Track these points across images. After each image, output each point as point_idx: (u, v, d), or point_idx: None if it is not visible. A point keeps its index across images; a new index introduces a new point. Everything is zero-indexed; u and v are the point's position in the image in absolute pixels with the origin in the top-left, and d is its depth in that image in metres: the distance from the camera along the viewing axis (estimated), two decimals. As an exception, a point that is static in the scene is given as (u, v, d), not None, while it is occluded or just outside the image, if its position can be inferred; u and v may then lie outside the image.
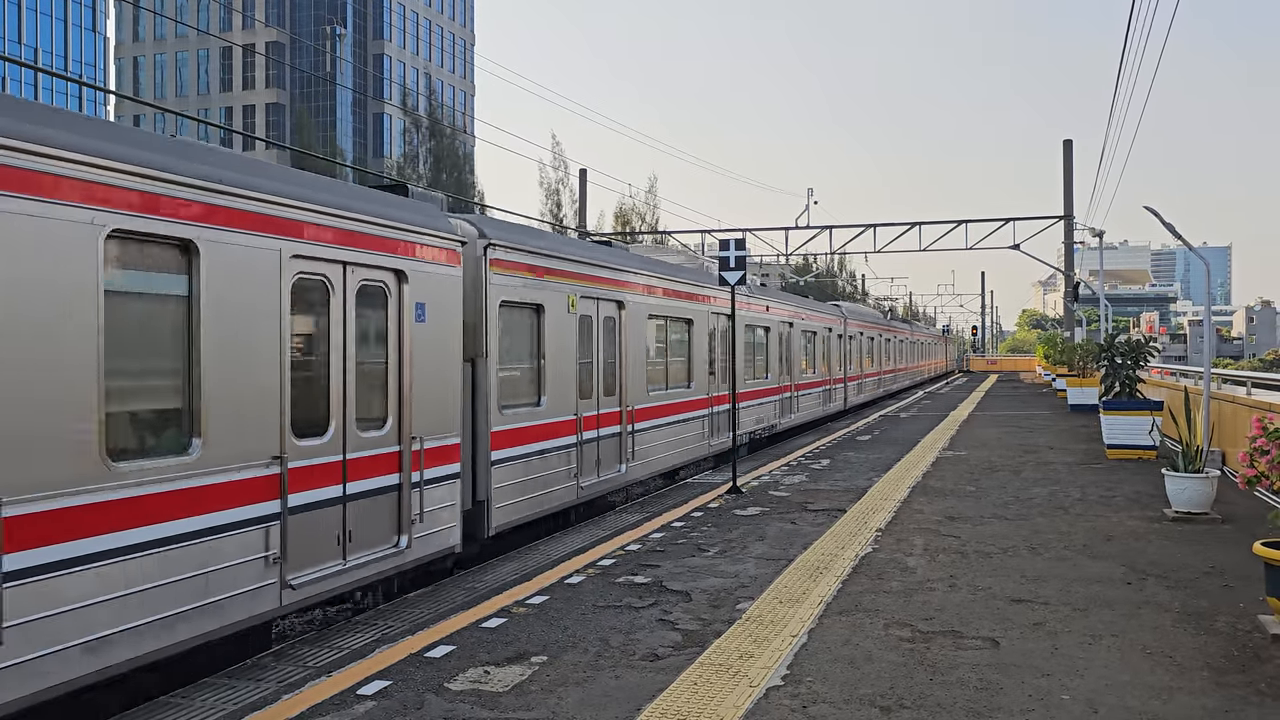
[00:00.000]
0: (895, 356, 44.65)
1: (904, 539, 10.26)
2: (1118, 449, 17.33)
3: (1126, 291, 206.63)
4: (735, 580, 8.56)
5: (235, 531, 6.76)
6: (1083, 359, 31.29)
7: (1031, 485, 14.11)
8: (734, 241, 14.16)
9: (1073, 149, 39.51)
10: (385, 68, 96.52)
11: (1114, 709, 5.51)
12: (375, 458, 8.28)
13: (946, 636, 6.88)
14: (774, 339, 22.40)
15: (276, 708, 5.70)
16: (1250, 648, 6.57)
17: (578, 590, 8.29)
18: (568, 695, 5.82)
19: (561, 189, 62.35)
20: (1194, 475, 11.29)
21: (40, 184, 5.49)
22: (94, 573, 5.71)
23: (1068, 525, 10.97)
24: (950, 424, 25.51)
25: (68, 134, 5.72)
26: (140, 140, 6.39)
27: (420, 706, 5.68)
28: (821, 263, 75.32)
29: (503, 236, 10.66)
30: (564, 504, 11.82)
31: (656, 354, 15.28)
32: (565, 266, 11.92)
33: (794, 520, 11.44)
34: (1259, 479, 7.12)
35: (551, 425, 11.46)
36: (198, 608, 6.41)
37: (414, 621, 7.53)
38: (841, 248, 46.41)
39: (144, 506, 6.06)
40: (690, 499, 13.26)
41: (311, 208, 7.50)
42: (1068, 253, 39.96)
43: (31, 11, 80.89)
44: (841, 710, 5.53)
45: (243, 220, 6.86)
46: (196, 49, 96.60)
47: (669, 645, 6.75)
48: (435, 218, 9.30)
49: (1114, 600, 7.80)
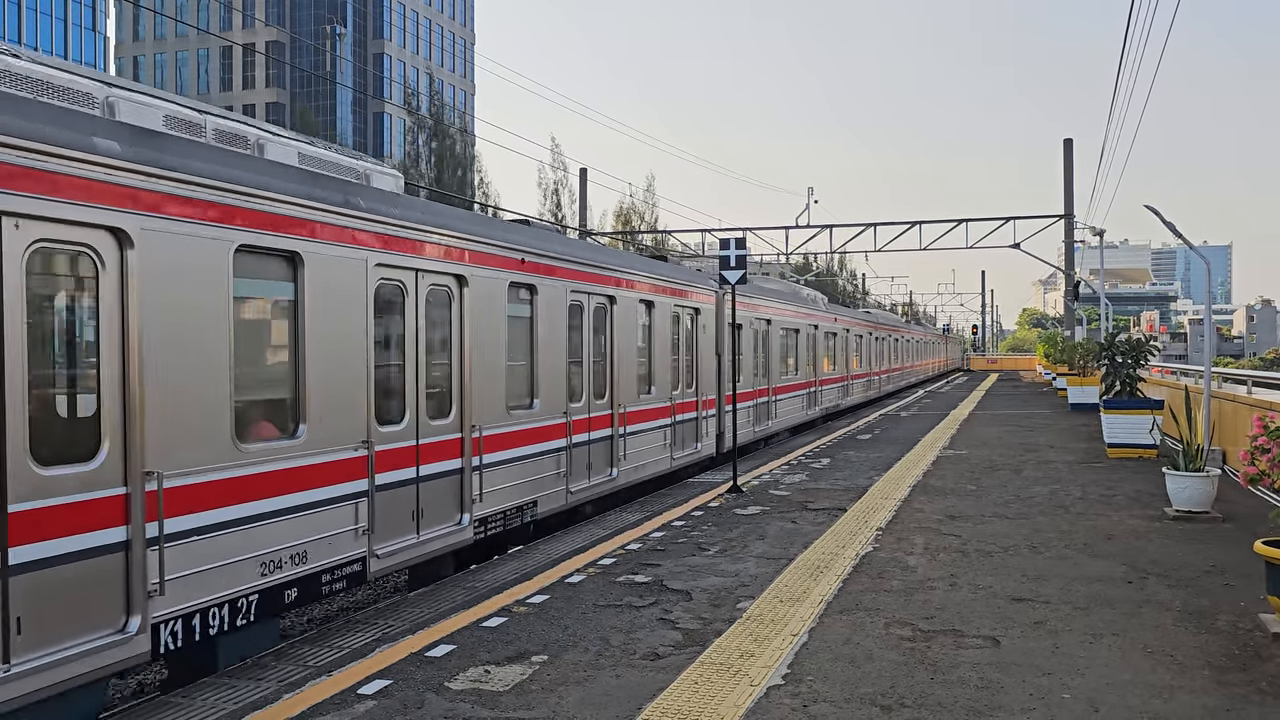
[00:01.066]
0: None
1: (905, 538, 10.26)
2: (1118, 448, 17.33)
3: (1127, 290, 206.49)
4: (736, 579, 8.56)
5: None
6: (1083, 358, 31.29)
7: (1032, 484, 14.11)
8: (734, 241, 14.16)
9: (1073, 148, 39.51)
10: (385, 67, 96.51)
11: (1115, 708, 5.51)
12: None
13: (947, 635, 6.87)
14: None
15: (277, 707, 5.70)
16: (1251, 646, 6.56)
17: (578, 589, 8.29)
18: (568, 694, 5.82)
19: (561, 189, 62.41)
20: (1195, 474, 11.29)
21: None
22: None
23: (1068, 524, 10.96)
24: (951, 423, 25.51)
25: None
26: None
27: (421, 706, 5.68)
28: (821, 262, 75.26)
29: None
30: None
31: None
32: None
33: (794, 519, 11.44)
34: (1260, 477, 7.11)
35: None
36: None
37: (414, 621, 7.52)
38: (841, 247, 46.41)
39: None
40: (691, 498, 13.25)
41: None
42: (1068, 252, 39.94)
43: (31, 11, 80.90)
44: (842, 709, 5.53)
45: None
46: (196, 48, 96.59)
47: (670, 644, 6.74)
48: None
49: (1115, 599, 7.79)
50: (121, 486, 5.97)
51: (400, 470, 8.62)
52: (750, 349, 20.10)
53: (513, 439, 10.53)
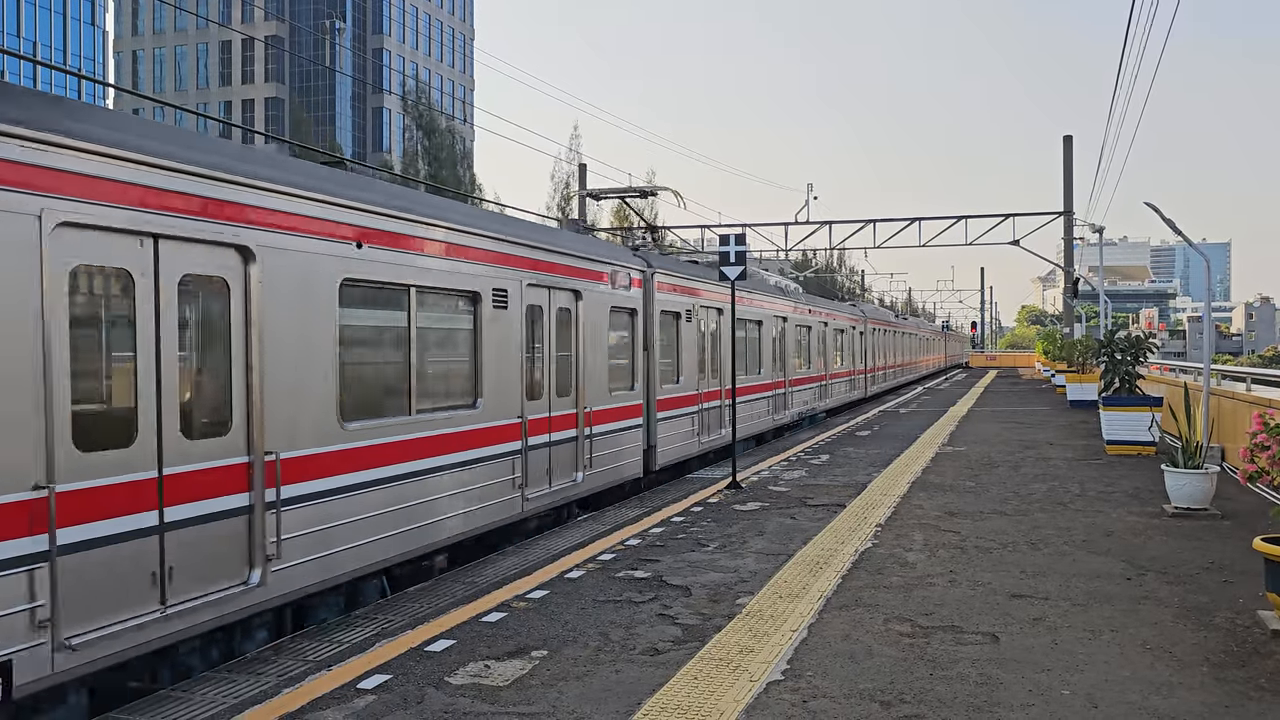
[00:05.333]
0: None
1: (904, 534, 10.27)
2: (1117, 445, 17.34)
3: (1126, 288, 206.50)
4: (735, 575, 8.56)
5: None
6: (1082, 355, 31.30)
7: (1031, 481, 14.12)
8: (734, 237, 14.16)
9: (1073, 145, 39.48)
10: (385, 62, 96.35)
11: (1114, 704, 5.52)
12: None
13: (946, 631, 6.88)
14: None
15: (276, 701, 5.70)
16: (1250, 643, 6.57)
17: (578, 585, 8.29)
18: (568, 689, 5.82)
19: (573, 183, 62.35)
20: (1193, 471, 11.29)
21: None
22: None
23: (1067, 521, 10.97)
24: (950, 419, 25.52)
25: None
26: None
27: (421, 700, 5.68)
28: (821, 258, 75.26)
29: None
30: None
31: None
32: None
33: (794, 515, 11.45)
34: (1259, 475, 7.11)
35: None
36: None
37: (414, 615, 7.53)
38: (841, 243, 46.38)
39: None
40: (690, 494, 13.26)
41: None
42: (1067, 248, 39.92)
43: (30, 5, 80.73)
44: (842, 705, 5.53)
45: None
46: (195, 43, 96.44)
47: (669, 640, 6.75)
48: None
49: (1114, 595, 7.80)
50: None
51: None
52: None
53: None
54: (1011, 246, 38.74)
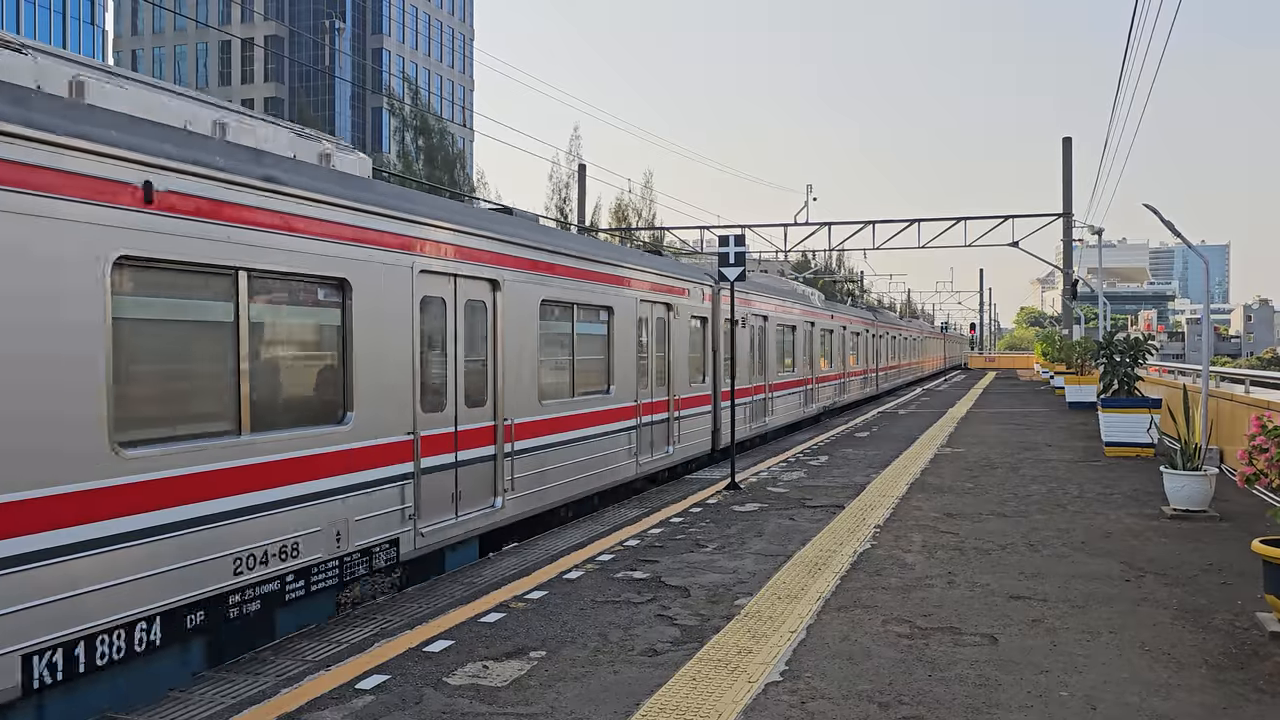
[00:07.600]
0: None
1: (902, 535, 10.27)
2: (1116, 446, 17.34)
3: (1124, 289, 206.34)
4: (734, 576, 8.56)
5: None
6: (1081, 356, 31.31)
7: (1030, 482, 14.12)
8: (733, 238, 14.16)
9: (1072, 146, 39.52)
10: (384, 62, 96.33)
11: (1112, 705, 5.52)
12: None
13: (945, 633, 6.88)
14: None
15: (275, 701, 5.69)
16: (1248, 645, 6.57)
17: (576, 585, 8.29)
18: (566, 690, 5.82)
19: (571, 184, 62.29)
20: (1192, 473, 11.30)
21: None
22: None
23: (1066, 522, 10.97)
24: (948, 421, 25.52)
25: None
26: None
27: (419, 701, 5.68)
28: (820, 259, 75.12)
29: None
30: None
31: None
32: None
33: (792, 516, 11.44)
34: (1257, 477, 7.11)
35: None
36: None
37: (412, 616, 7.53)
38: (840, 244, 46.34)
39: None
40: (689, 495, 13.26)
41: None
42: (1066, 250, 39.93)
43: (30, 4, 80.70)
44: (840, 706, 5.53)
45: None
46: (195, 42, 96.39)
47: (668, 640, 6.75)
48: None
49: (1112, 597, 7.80)
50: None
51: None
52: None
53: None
54: (1011, 248, 38.75)
